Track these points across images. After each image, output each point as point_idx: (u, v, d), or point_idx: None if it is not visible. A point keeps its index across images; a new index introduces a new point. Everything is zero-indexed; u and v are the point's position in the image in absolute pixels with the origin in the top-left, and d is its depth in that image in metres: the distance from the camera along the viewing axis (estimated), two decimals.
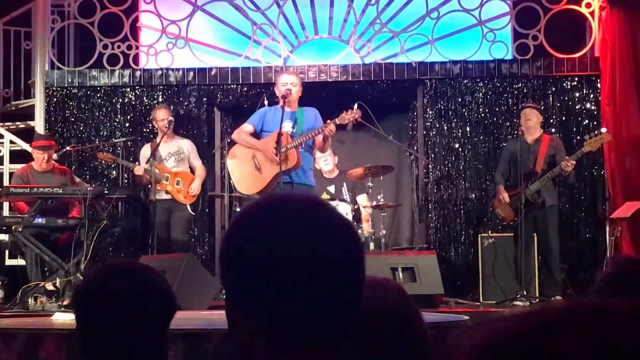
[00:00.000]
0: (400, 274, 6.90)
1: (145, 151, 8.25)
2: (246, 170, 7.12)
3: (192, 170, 8.26)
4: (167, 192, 8.03)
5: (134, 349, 2.01)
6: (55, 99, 9.14)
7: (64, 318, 5.26)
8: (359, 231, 7.81)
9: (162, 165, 8.07)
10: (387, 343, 1.59)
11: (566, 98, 8.84)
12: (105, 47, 9.13)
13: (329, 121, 6.86)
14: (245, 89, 9.13)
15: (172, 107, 8.79)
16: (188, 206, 8.10)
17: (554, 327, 0.79)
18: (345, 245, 1.20)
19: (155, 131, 8.46)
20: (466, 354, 0.81)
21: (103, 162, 8.75)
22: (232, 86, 9.13)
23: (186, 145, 8.31)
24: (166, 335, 2.07)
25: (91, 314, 2.04)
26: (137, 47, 9.20)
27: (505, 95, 8.90)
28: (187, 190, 8.06)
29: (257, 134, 7.20)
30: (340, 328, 1.19)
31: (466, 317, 4.97)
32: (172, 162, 8.16)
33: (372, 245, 7.94)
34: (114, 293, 2.01)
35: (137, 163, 8.26)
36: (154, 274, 2.11)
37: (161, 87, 9.11)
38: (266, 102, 7.65)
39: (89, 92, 9.14)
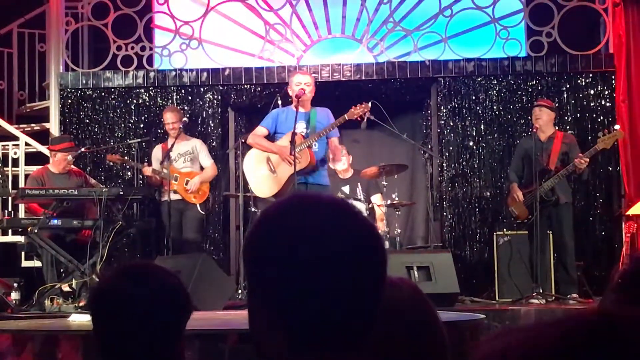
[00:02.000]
0: (416, 272, 6.90)
1: (156, 152, 8.28)
2: (261, 173, 7.11)
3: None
4: (175, 192, 8.04)
5: (151, 350, 2.01)
6: (69, 101, 9.17)
7: (81, 319, 5.26)
8: None
9: (172, 166, 8.09)
10: (402, 343, 1.59)
11: (581, 95, 8.80)
12: (119, 48, 9.15)
13: (339, 118, 6.92)
14: (259, 89, 9.13)
15: (186, 108, 8.81)
16: (198, 206, 8.12)
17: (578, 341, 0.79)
18: (367, 250, 1.19)
19: None
20: None
21: (114, 163, 8.78)
22: (245, 86, 9.13)
23: (196, 145, 8.31)
24: (183, 336, 2.07)
25: (107, 315, 2.04)
26: (150, 48, 9.22)
27: (519, 92, 8.87)
28: (195, 190, 8.07)
29: (270, 137, 7.18)
30: (359, 331, 1.19)
31: (482, 316, 4.96)
32: (181, 162, 8.17)
33: (387, 244, 7.93)
34: (130, 294, 2.01)
35: (146, 164, 8.28)
36: (169, 275, 2.12)
37: (175, 87, 9.12)
38: (280, 102, 7.65)
39: (103, 94, 9.17)
